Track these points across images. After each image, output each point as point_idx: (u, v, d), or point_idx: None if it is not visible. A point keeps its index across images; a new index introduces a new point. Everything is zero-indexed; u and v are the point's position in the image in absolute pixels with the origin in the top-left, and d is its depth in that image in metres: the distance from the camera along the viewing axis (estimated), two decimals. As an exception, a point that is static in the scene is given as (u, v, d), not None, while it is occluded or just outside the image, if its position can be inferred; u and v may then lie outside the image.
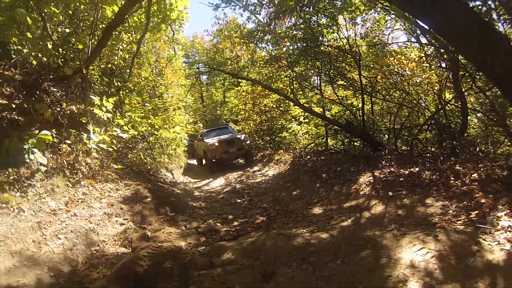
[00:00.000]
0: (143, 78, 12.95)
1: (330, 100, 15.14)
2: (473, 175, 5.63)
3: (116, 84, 10.72)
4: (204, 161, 19.03)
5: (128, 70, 11.27)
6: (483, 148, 9.92)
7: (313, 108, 15.97)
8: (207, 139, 17.63)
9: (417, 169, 7.03)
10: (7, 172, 5.22)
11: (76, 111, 7.73)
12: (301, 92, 16.50)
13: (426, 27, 9.17)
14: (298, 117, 18.22)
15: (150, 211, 7.58)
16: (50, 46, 7.86)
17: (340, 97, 14.86)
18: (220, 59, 17.44)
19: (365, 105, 12.82)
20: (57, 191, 5.96)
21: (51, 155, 6.41)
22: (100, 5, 8.86)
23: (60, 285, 4.34)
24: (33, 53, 7.32)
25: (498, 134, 10.67)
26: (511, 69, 4.26)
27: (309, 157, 12.32)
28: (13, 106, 6.25)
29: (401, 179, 6.78)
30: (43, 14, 7.49)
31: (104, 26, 9.57)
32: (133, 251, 5.23)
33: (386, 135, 11.91)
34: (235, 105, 23.46)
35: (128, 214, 6.96)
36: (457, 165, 6.41)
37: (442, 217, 4.60)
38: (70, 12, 8.87)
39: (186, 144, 19.33)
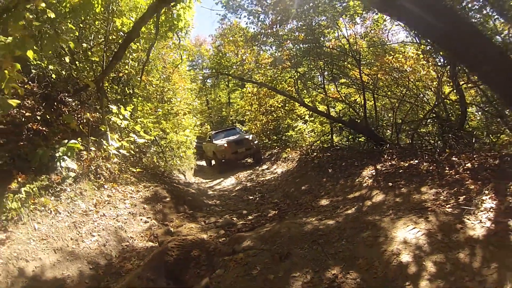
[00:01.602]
0: (153, 85, 13.46)
1: (333, 98, 15.56)
2: (466, 165, 6.17)
3: (128, 92, 11.28)
4: (213, 162, 19.61)
5: (138, 78, 11.80)
6: (485, 139, 10.30)
7: (317, 106, 16.39)
8: (216, 140, 18.19)
9: (416, 161, 7.58)
10: (41, 179, 5.84)
11: (91, 119, 8.34)
12: (305, 92, 16.91)
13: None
14: (303, 116, 18.60)
15: (170, 209, 8.21)
16: (67, 60, 8.40)
17: (344, 95, 15.32)
18: (225, 64, 17.87)
19: (368, 102, 13.38)
20: (85, 194, 6.58)
21: (76, 162, 7.02)
22: (111, 17, 9.36)
23: (99, 276, 4.97)
24: (51, 67, 7.86)
25: (496, 125, 11.03)
26: (498, 67, 4.79)
27: (315, 154, 12.92)
28: (38, 117, 6.89)
29: (400, 171, 7.39)
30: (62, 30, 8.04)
31: (114, 37, 10.14)
32: (161, 244, 5.85)
33: (389, 130, 12.34)
34: (241, 106, 23.98)
35: (150, 212, 7.58)
36: (453, 156, 6.95)
37: (434, 202, 5.19)
38: (81, 25, 9.32)
39: (195, 146, 19.86)
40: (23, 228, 4.80)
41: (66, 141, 6.47)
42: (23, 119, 6.52)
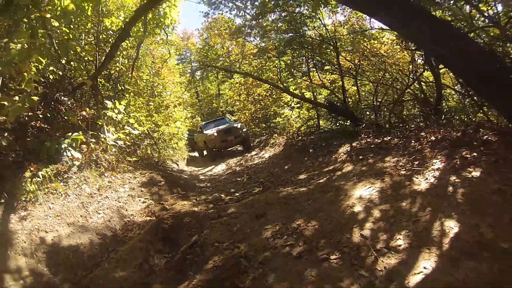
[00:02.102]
0: (144, 81, 14.23)
1: (318, 84, 16.29)
2: (431, 138, 7.08)
3: (120, 88, 12.06)
4: (205, 152, 20.44)
5: (129, 74, 12.52)
6: (463, 118, 11.00)
7: (304, 93, 17.13)
8: (206, 130, 18.98)
9: (389, 137, 8.39)
10: (50, 167, 6.70)
11: (87, 115, 9.17)
12: (292, 79, 17.61)
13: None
14: (290, 103, 19.34)
15: (165, 191, 9.09)
16: (63, 62, 9.18)
17: (329, 81, 16.08)
18: (212, 56, 18.52)
19: (351, 87, 14.22)
20: (89, 181, 7.43)
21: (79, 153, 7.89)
22: (101, 18, 10.08)
23: (106, 244, 5.86)
24: (50, 68, 8.63)
25: (471, 105, 11.76)
26: (454, 50, 5.59)
27: (300, 138, 13.84)
28: (40, 116, 7.73)
29: (372, 146, 8.27)
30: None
31: (104, 36, 10.89)
32: (157, 218, 6.75)
33: (368, 112, 13.10)
34: (230, 97, 24.64)
35: (147, 194, 8.46)
36: (421, 132, 7.89)
37: (392, 168, 6.05)
38: (72, 26, 9.92)
39: (186, 138, 20.65)
40: (40, 207, 5.66)
41: (70, 134, 7.33)
42: (27, 118, 7.38)
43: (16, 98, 4.84)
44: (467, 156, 5.27)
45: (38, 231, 5.19)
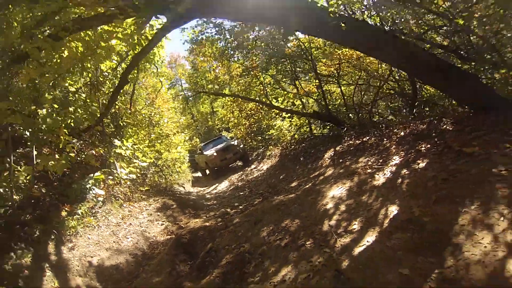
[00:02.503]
0: (143, 114, 15.68)
1: (304, 93, 17.53)
2: (400, 134, 8.52)
3: (121, 124, 13.51)
4: (207, 171, 21.97)
5: (127, 109, 13.91)
6: (436, 107, 11.93)
7: (294, 101, 18.37)
8: (206, 151, 20.60)
9: (367, 138, 9.78)
10: (81, 205, 8.21)
11: (96, 154, 10.62)
12: (281, 91, 18.85)
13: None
14: (281, 113, 20.59)
15: (178, 212, 10.63)
16: (71, 109, 10.62)
17: (315, 86, 17.14)
18: (202, 83, 19.74)
19: (336, 89, 15.57)
20: (112, 212, 8.95)
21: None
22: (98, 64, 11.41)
23: (139, 261, 7.38)
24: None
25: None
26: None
27: (293, 146, 15.38)
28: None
29: (351, 148, 9.75)
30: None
31: (101, 79, 12.26)
32: (176, 235, 8.27)
33: (350, 114, 14.37)
34: (223, 115, 26.10)
35: (164, 217, 9.99)
36: (394, 128, 9.35)
37: (362, 168, 7.53)
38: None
39: (188, 160, 22.16)
40: (81, 238, 7.16)
41: (91, 175, 8.85)
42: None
43: (57, 156, 6.36)
44: (422, 148, 6.69)
45: (85, 257, 6.70)
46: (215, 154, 19.45)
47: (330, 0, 7.06)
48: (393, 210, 5.06)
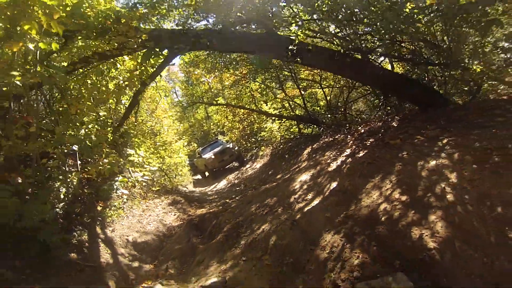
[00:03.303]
0: (148, 127, 18.35)
1: (289, 98, 20.10)
2: (361, 131, 11.29)
3: (130, 135, 16.23)
4: (206, 173, 24.78)
5: (134, 122, 16.55)
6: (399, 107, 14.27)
7: (283, 104, 20.91)
8: (204, 155, 23.49)
9: (338, 135, 12.62)
10: (110, 202, 11.02)
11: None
12: (271, 94, 21.37)
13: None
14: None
15: (186, 206, 13.43)
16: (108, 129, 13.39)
17: (302, 88, 19.48)
18: (198, 94, 22.24)
19: (316, 94, 18.21)
20: (134, 207, 11.76)
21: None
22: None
23: (161, 239, 10.19)
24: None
25: None
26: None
27: (281, 146, 18.28)
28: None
29: (324, 145, 12.57)
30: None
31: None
32: (188, 219, 11.11)
33: (329, 115, 16.84)
34: (218, 120, 28.63)
35: (175, 209, 12.77)
36: (359, 126, 12.15)
37: (325, 160, 10.41)
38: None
39: (187, 163, 24.90)
40: (117, 225, 9.96)
41: (117, 178, 11.66)
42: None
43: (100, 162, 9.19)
44: (367, 142, 9.41)
45: (123, 236, 9.48)
46: (213, 157, 22.38)
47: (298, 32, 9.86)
48: (333, 185, 7.86)
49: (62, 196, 8.53)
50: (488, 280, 3.71)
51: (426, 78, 11.08)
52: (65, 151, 8.94)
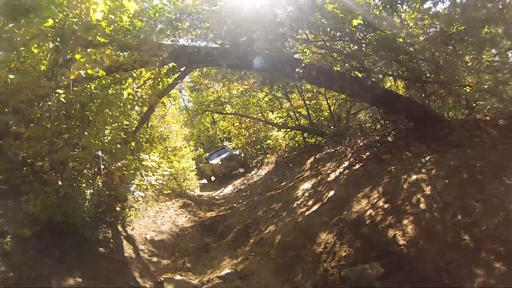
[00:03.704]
0: (159, 132, 19.57)
1: (294, 108, 21.18)
2: (360, 144, 12.52)
3: (141, 141, 17.45)
4: (213, 178, 26.02)
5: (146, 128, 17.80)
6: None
7: (290, 113, 22.10)
8: (211, 160, 24.81)
9: (339, 147, 13.87)
10: (126, 203, 12.30)
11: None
12: (277, 103, 22.61)
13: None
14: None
15: (196, 209, 14.75)
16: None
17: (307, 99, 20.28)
18: (207, 103, 23.45)
19: (321, 105, 19.40)
20: (149, 209, 13.08)
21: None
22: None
23: (175, 238, 11.49)
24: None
25: None
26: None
27: (286, 154, 19.58)
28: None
29: (326, 156, 13.85)
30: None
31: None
32: (200, 220, 12.42)
33: (332, 126, 18.00)
34: (225, 127, 30.10)
35: (186, 212, 14.09)
36: (358, 139, 13.41)
37: (325, 170, 11.70)
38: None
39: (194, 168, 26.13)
40: (135, 224, 11.20)
41: (134, 181, 12.92)
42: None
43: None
44: (364, 156, 10.71)
45: (141, 234, 10.76)
46: (220, 163, 23.76)
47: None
48: (331, 193, 9.13)
49: (88, 197, 9.76)
50: (439, 265, 5.01)
51: (423, 95, 11.74)
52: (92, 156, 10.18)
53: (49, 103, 7.81)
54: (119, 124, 11.94)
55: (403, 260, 5.46)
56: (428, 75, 11.00)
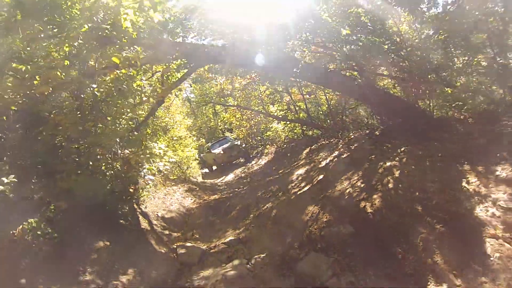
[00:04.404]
0: (165, 122, 21.07)
1: (294, 101, 22.54)
2: (351, 137, 14.22)
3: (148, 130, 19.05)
4: (214, 167, 27.70)
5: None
6: None
7: (290, 107, 23.55)
8: (213, 150, 26.45)
9: (333, 139, 15.61)
10: (138, 185, 13.95)
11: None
12: (278, 97, 23.93)
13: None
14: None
15: (201, 193, 16.41)
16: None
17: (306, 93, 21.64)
18: (211, 94, 24.74)
19: (320, 101, 20.89)
20: (158, 191, 14.74)
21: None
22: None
23: (183, 217, 13.18)
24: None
25: None
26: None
27: (285, 145, 21.28)
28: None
29: (320, 146, 15.57)
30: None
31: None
32: (205, 202, 14.14)
33: (328, 120, 19.68)
34: (226, 118, 31.30)
35: (191, 195, 15.73)
36: (350, 132, 15.13)
37: (317, 158, 13.38)
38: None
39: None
40: (147, 203, 12.77)
41: (145, 166, 14.57)
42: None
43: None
44: (352, 147, 12.46)
45: (153, 212, 12.42)
46: (222, 152, 25.40)
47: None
48: (320, 177, 10.86)
49: (108, 178, 11.35)
50: (395, 228, 6.83)
51: (413, 94, 13.20)
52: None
53: (83, 95, 9.39)
54: (132, 115, 13.52)
55: (369, 224, 7.28)
56: (420, 75, 12.02)
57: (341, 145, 13.52)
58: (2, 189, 6.53)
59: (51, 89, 7.79)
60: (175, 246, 9.82)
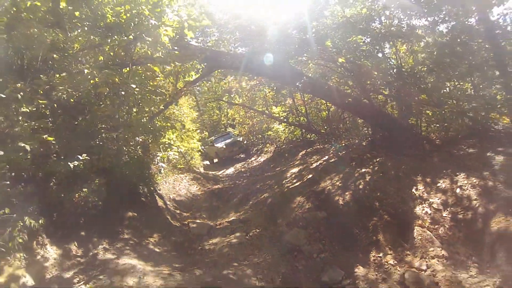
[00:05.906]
0: (176, 115, 23.53)
1: (296, 105, 24.36)
2: (342, 144, 17.15)
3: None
4: (215, 160, 30.37)
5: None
6: None
7: (293, 110, 25.58)
8: (216, 144, 29.10)
9: (326, 144, 18.47)
10: (151, 171, 16.75)
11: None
12: (282, 99, 26.10)
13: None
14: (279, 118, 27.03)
15: (205, 182, 19.17)
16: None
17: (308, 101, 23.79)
18: (220, 92, 26.66)
19: (320, 108, 23.42)
20: (168, 177, 17.56)
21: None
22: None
23: (191, 200, 16.05)
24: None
25: None
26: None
27: (284, 146, 24.04)
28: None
29: (314, 150, 18.42)
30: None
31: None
32: (209, 189, 17.07)
33: (325, 126, 22.12)
34: (230, 114, 33.85)
35: (197, 183, 18.47)
36: (342, 141, 18.03)
37: (310, 161, 16.27)
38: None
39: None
40: (161, 187, 15.56)
41: (159, 154, 17.34)
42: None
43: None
44: (340, 153, 15.30)
45: (167, 194, 15.24)
46: (224, 146, 28.17)
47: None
48: (309, 176, 13.64)
49: (131, 162, 13.59)
50: (356, 217, 9.88)
51: (404, 112, 15.00)
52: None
53: (122, 92, 11.41)
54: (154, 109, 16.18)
55: (338, 212, 10.33)
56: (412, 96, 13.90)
57: (331, 151, 16.38)
58: (77, 164, 9.01)
59: (107, 89, 10.49)
60: (187, 222, 12.44)
